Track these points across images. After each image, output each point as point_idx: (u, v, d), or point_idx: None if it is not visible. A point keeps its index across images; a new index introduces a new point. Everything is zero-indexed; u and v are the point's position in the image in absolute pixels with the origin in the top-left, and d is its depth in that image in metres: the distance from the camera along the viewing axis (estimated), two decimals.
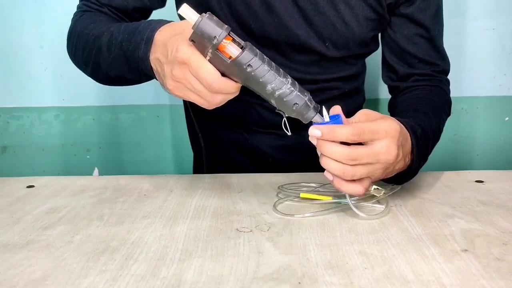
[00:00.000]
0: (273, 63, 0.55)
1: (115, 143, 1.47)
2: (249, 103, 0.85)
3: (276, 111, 0.57)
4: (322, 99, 0.86)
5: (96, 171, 1.48)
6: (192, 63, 0.54)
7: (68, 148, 1.46)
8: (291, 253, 0.49)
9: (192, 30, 0.52)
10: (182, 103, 1.29)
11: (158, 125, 1.46)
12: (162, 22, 0.62)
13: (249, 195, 0.68)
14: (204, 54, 0.53)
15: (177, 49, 0.54)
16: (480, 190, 0.70)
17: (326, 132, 0.54)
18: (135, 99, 1.42)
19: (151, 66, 0.61)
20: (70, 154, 1.47)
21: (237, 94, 0.57)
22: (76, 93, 1.42)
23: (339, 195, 0.65)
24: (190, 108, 0.94)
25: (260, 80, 0.53)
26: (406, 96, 0.82)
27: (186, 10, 0.52)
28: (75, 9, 0.81)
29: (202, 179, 0.77)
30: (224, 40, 0.52)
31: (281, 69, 0.55)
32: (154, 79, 0.64)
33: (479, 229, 0.55)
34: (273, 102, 0.55)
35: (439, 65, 0.84)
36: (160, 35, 0.60)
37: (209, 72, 0.54)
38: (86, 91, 1.42)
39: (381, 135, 0.55)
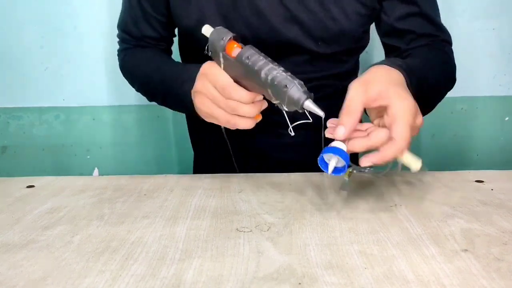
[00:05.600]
0: (269, 58, 0.62)
1: (115, 143, 1.47)
2: None
3: (275, 105, 0.62)
4: (317, 98, 0.86)
5: (96, 171, 1.48)
6: (209, 72, 0.65)
7: (68, 148, 1.46)
8: (291, 253, 0.49)
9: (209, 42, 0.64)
10: None
11: (158, 125, 1.46)
12: (195, 73, 0.70)
13: (249, 195, 0.68)
14: (218, 63, 0.65)
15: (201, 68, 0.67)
16: (480, 190, 0.70)
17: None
18: (135, 99, 1.42)
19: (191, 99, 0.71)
20: (70, 154, 1.47)
21: (250, 103, 0.65)
22: (76, 93, 1.42)
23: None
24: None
25: (255, 68, 0.60)
26: (401, 56, 0.83)
27: (206, 28, 0.66)
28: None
29: (202, 179, 0.77)
30: (229, 44, 0.63)
31: (275, 62, 0.62)
32: None
33: (479, 229, 0.55)
34: (269, 91, 0.60)
35: (439, 36, 0.84)
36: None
37: (223, 76, 0.64)
38: (86, 91, 1.42)
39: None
